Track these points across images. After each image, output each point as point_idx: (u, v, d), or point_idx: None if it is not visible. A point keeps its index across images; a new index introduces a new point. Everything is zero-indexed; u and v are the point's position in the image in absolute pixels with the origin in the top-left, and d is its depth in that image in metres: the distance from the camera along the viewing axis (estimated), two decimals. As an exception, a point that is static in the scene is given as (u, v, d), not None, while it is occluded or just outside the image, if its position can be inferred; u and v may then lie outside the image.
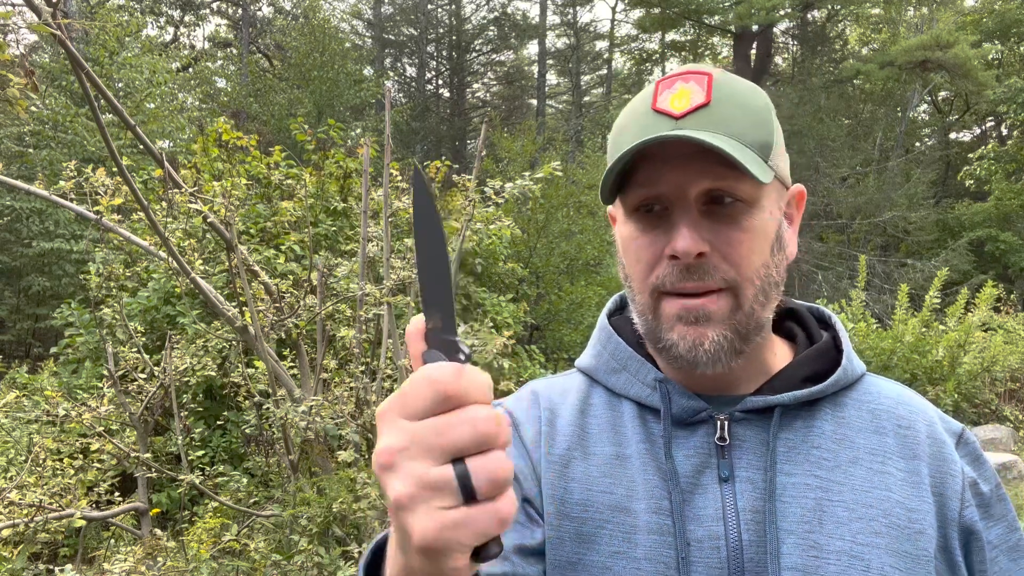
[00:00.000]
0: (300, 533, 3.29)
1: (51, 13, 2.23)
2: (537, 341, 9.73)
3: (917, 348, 8.48)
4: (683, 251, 0.74)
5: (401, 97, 28.31)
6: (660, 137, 0.72)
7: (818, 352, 0.86)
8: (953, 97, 22.49)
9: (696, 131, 0.73)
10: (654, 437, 0.83)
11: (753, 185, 0.75)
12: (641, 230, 0.79)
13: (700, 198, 0.75)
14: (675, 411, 0.82)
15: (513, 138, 13.21)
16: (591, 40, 29.90)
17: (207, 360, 4.35)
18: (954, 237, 18.57)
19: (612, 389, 0.88)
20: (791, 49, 24.12)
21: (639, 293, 0.81)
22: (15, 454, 4.94)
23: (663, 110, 0.76)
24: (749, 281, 0.77)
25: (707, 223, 0.75)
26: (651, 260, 0.78)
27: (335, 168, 7.19)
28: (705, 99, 0.75)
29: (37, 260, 11.40)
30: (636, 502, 0.80)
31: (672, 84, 0.77)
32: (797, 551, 0.74)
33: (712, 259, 0.75)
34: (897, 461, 0.80)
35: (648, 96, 0.79)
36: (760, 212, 0.77)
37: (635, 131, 0.77)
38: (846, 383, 0.84)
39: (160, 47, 18.68)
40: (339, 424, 3.37)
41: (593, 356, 0.93)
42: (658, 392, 0.83)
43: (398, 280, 3.59)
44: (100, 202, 3.38)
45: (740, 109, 0.76)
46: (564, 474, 0.84)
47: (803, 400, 0.81)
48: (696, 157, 0.74)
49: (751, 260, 0.76)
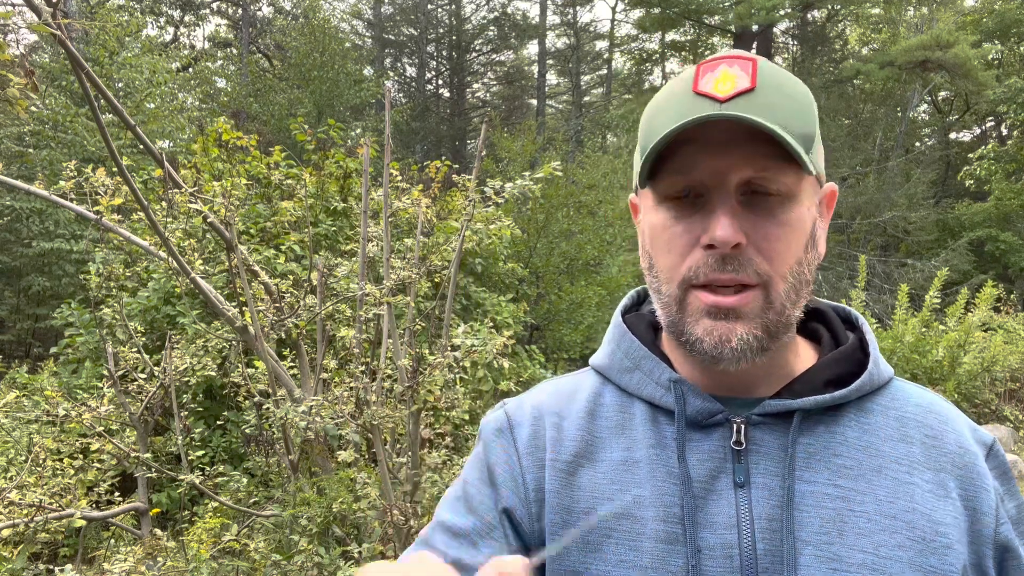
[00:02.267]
0: (300, 533, 3.30)
1: (51, 13, 2.23)
2: (537, 341, 9.74)
3: (917, 348, 8.49)
4: (722, 240, 0.70)
5: (401, 97, 28.32)
6: (706, 116, 0.69)
7: (843, 355, 0.82)
8: (953, 97, 22.50)
9: (743, 114, 0.70)
10: (666, 440, 0.79)
11: (795, 178, 0.73)
12: (675, 218, 0.75)
13: (740, 187, 0.72)
14: (690, 413, 0.78)
15: (513, 138, 13.21)
16: (591, 40, 29.92)
17: (207, 360, 4.35)
18: (954, 237, 18.58)
19: (625, 389, 0.85)
20: (791, 49, 24.13)
21: (666, 283, 0.77)
22: (15, 454, 4.94)
23: (706, 92, 0.72)
24: (782, 277, 0.73)
25: (745, 214, 0.72)
26: (684, 249, 0.74)
27: (335, 168, 7.19)
28: (751, 84, 0.72)
29: (37, 260, 11.40)
30: (644, 509, 0.77)
31: (715, 67, 0.74)
32: (815, 563, 0.71)
33: (748, 252, 0.72)
34: (924, 472, 0.76)
35: (689, 78, 0.75)
36: (798, 206, 0.74)
37: (675, 113, 0.73)
38: (871, 388, 0.80)
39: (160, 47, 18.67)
40: (339, 424, 3.37)
41: (607, 355, 0.89)
42: (672, 393, 0.80)
43: (398, 280, 3.59)
44: (100, 202, 3.38)
45: (786, 97, 0.73)
46: (570, 482, 0.81)
47: (826, 405, 0.77)
48: (739, 143, 0.71)
49: (786, 256, 0.73)
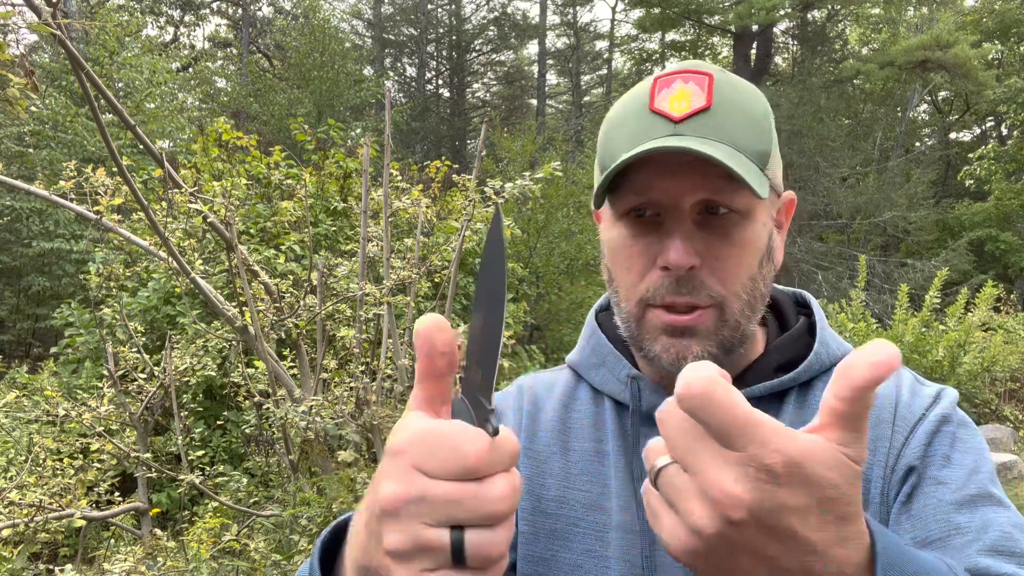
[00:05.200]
0: (300, 533, 3.30)
1: (51, 13, 2.23)
2: (537, 341, 9.74)
3: (917, 348, 8.49)
4: (675, 264, 0.72)
5: (401, 97, 28.31)
6: (659, 149, 0.69)
7: (790, 339, 0.84)
8: (953, 97, 22.50)
9: (696, 138, 0.71)
10: (627, 433, 0.82)
11: (750, 197, 0.73)
12: (632, 236, 0.76)
13: (695, 208, 0.73)
14: (645, 408, 0.81)
15: (513, 138, 13.21)
16: (591, 40, 29.91)
17: (207, 360, 4.35)
18: (954, 237, 18.57)
19: (591, 384, 0.89)
20: (791, 49, 24.12)
21: (625, 301, 0.79)
22: (15, 454, 4.94)
23: (661, 111, 0.73)
24: (736, 296, 0.75)
25: (700, 234, 0.73)
26: (641, 269, 0.76)
27: (335, 168, 7.20)
28: (706, 102, 0.72)
29: (37, 260, 11.40)
30: (610, 500, 0.80)
31: (671, 83, 0.74)
32: None
33: (701, 273, 0.73)
34: None
35: (644, 94, 0.76)
36: (753, 224, 0.75)
37: (630, 132, 0.74)
38: (821, 368, 0.81)
39: (160, 47, 18.68)
40: (339, 424, 3.37)
41: (579, 351, 0.93)
42: (628, 389, 0.83)
43: (398, 280, 3.59)
44: (100, 202, 3.38)
45: (741, 115, 0.74)
46: (543, 470, 0.84)
47: (774, 391, 0.79)
48: (694, 166, 0.71)
49: (739, 275, 0.75)
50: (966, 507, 0.69)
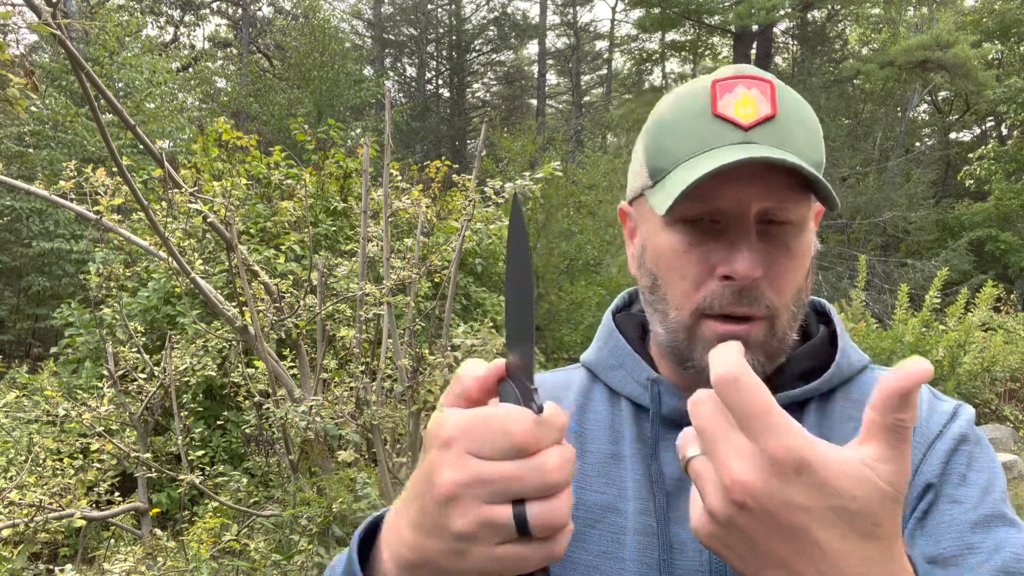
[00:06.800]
0: (300, 533, 3.29)
1: (51, 13, 2.23)
2: (537, 341, 9.73)
3: (917, 348, 8.49)
4: (743, 274, 0.70)
5: (401, 97, 28.31)
6: (747, 159, 0.67)
7: (812, 349, 0.83)
8: (953, 97, 22.50)
9: (768, 147, 0.70)
10: (646, 437, 0.82)
11: (807, 207, 0.73)
12: (689, 243, 0.74)
13: (757, 217, 0.72)
14: (665, 411, 0.81)
15: (513, 138, 13.20)
16: (591, 40, 29.92)
17: (207, 360, 4.35)
18: (954, 237, 18.57)
19: (610, 385, 0.88)
20: (791, 49, 24.13)
21: (676, 310, 0.76)
22: (15, 454, 4.94)
23: (728, 117, 0.72)
24: (786, 307, 0.75)
25: (761, 245, 0.72)
26: (698, 278, 0.74)
27: (335, 168, 7.20)
28: (771, 110, 0.72)
29: (37, 260, 11.40)
30: (627, 502, 0.79)
31: (732, 87, 0.73)
32: None
33: (761, 285, 0.72)
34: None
35: (705, 97, 0.74)
36: (807, 234, 0.75)
37: (694, 136, 0.73)
38: (841, 380, 0.81)
39: (160, 47, 18.68)
40: (339, 424, 3.37)
41: (595, 352, 0.92)
42: (649, 391, 0.82)
43: (398, 280, 3.59)
44: (100, 202, 3.38)
45: (801, 125, 0.73)
46: None
47: (796, 400, 0.79)
48: (759, 175, 0.70)
49: (792, 286, 0.75)
50: (980, 527, 0.70)
